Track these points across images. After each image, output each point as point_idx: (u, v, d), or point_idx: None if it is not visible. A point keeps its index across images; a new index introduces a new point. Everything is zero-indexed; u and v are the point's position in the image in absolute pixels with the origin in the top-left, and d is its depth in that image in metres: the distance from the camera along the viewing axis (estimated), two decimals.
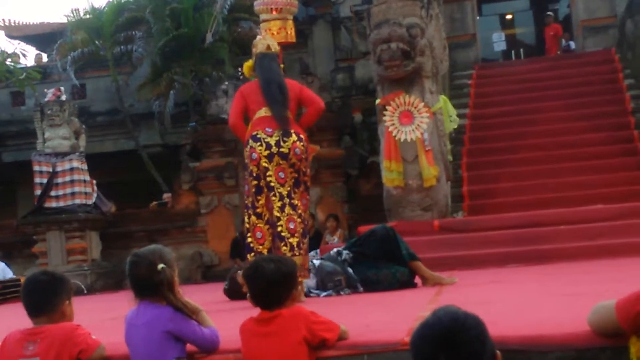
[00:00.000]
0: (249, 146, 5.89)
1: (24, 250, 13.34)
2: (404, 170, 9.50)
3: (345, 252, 6.30)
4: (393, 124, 9.49)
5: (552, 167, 11.09)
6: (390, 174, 9.46)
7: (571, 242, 8.60)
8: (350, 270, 6.19)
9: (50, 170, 12.63)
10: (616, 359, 2.88)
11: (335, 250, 6.45)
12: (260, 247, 5.83)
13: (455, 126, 10.66)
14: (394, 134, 9.46)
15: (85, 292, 11.70)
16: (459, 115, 10.83)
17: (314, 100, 6.15)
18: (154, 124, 17.90)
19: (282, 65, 6.42)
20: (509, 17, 23.96)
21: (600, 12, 15.66)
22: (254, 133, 5.87)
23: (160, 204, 15.11)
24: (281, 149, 5.80)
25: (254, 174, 5.87)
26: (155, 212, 14.29)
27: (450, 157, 10.65)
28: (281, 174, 5.82)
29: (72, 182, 12.71)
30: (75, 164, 12.73)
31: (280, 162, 5.80)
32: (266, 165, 5.80)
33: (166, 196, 15.38)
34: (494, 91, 13.93)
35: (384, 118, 9.61)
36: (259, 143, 5.81)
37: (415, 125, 9.41)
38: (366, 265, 6.22)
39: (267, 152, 5.79)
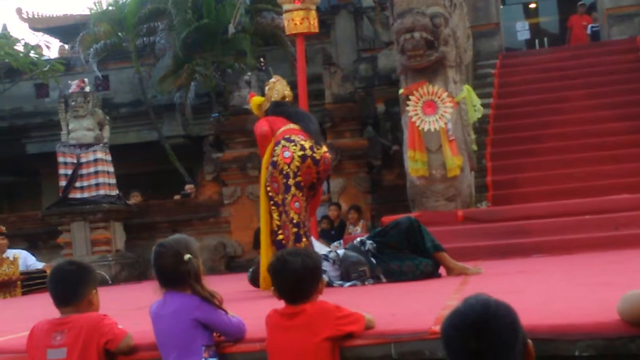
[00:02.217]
0: (280, 145, 6.02)
1: (49, 241, 13.45)
2: (428, 160, 9.46)
3: (369, 242, 6.27)
4: (416, 114, 9.46)
5: (577, 156, 11.01)
6: (414, 164, 9.43)
7: (596, 231, 8.54)
8: (373, 260, 6.16)
9: (75, 161, 12.71)
10: None
11: (358, 239, 6.40)
12: (288, 244, 5.98)
13: (480, 116, 10.60)
14: (417, 124, 9.42)
15: (110, 282, 11.78)
16: (483, 105, 10.77)
17: None
18: (176, 115, 17.96)
19: None
20: (532, 5, 23.76)
21: (625, 0, 15.48)
22: (287, 136, 6.05)
23: (183, 196, 15.17)
24: (314, 154, 6.01)
25: (284, 172, 5.95)
26: (178, 203, 14.34)
27: (474, 147, 10.59)
28: (307, 177, 6.04)
29: (96, 173, 12.79)
30: (100, 155, 12.80)
31: (311, 165, 6.00)
32: (298, 164, 5.94)
33: (188, 187, 15.43)
34: (518, 80, 13.82)
35: (408, 108, 9.58)
36: (293, 143, 5.97)
37: (438, 115, 9.37)
38: (389, 256, 6.18)
39: (301, 152, 5.96)
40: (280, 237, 5.98)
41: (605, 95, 12.47)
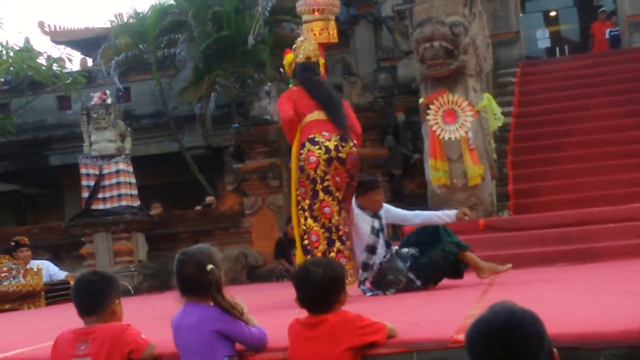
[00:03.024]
0: (305, 149, 5.86)
1: (72, 251, 13.54)
2: (449, 169, 9.45)
3: (411, 250, 6.26)
4: (437, 123, 9.45)
5: (599, 164, 10.94)
6: (436, 173, 9.42)
7: (620, 240, 8.48)
8: (411, 274, 6.14)
9: (97, 172, 12.80)
10: None
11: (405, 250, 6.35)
12: (315, 249, 5.82)
13: (500, 124, 10.57)
14: (437, 133, 9.41)
15: (132, 293, 11.83)
16: (503, 114, 10.74)
17: (354, 124, 6.15)
18: (197, 126, 18.03)
19: (322, 72, 6.44)
20: (553, 13, 23.70)
21: None
22: (311, 136, 5.85)
23: (204, 206, 15.22)
24: (340, 154, 5.83)
25: (311, 177, 5.86)
26: (200, 214, 14.39)
27: (495, 156, 10.56)
28: (337, 179, 5.85)
29: (118, 184, 12.87)
30: (122, 166, 12.88)
31: (338, 166, 5.83)
32: (325, 169, 5.81)
33: (209, 199, 15.49)
34: (538, 89, 13.77)
35: (428, 117, 9.57)
36: (317, 146, 5.81)
37: (459, 124, 9.36)
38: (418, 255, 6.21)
39: (327, 156, 5.80)
40: (306, 242, 5.90)
41: (627, 102, 12.39)
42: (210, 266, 3.34)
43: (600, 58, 15.41)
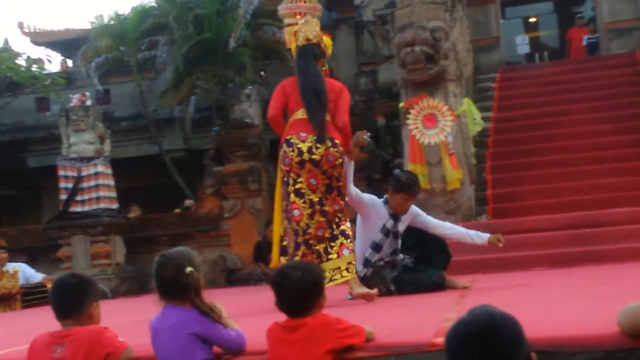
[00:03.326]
0: (282, 150, 5.78)
1: (49, 254, 13.44)
2: (428, 173, 9.48)
3: (407, 257, 6.28)
4: (417, 127, 9.48)
5: (578, 169, 11.03)
6: None
7: (597, 245, 8.56)
8: (393, 287, 6.17)
9: (76, 174, 12.74)
10: None
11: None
12: (289, 251, 5.80)
13: (480, 129, 10.63)
14: (417, 137, 9.45)
15: (110, 296, 11.77)
16: (483, 118, 10.80)
17: (338, 115, 5.88)
18: (176, 129, 17.97)
19: (326, 56, 6.19)
20: (532, 20, 23.87)
21: (624, 14, 15.54)
22: (288, 137, 5.76)
23: (183, 209, 15.18)
24: (313, 156, 5.67)
25: (285, 179, 5.80)
26: (179, 216, 14.35)
27: (474, 160, 10.61)
28: (312, 181, 5.71)
29: (97, 186, 12.81)
30: (100, 168, 12.83)
31: (312, 168, 5.68)
32: (297, 171, 5.70)
33: (188, 202, 15.45)
34: (518, 94, 13.87)
35: (408, 121, 9.61)
36: (291, 148, 5.70)
37: (439, 128, 9.40)
38: (406, 268, 6.23)
39: (299, 158, 5.68)
40: (285, 242, 5.88)
41: (606, 108, 12.50)
42: (189, 269, 3.33)
43: (579, 64, 15.55)
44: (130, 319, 6.18)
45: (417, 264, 6.26)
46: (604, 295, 4.63)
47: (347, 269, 5.64)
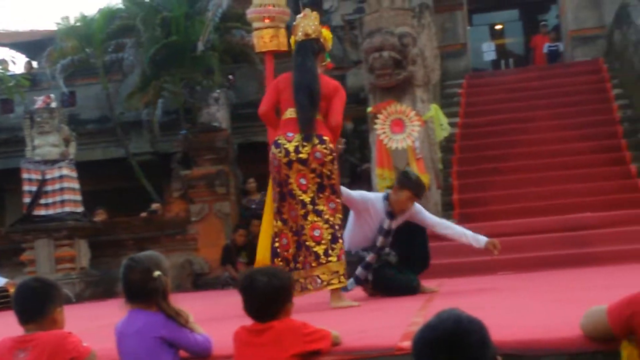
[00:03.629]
0: (271, 152, 5.71)
1: (13, 258, 13.26)
2: (396, 178, 9.52)
3: (392, 253, 6.26)
4: (384, 132, 9.52)
5: (542, 175, 11.15)
6: (383, 182, 9.48)
7: (561, 249, 8.66)
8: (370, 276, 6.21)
9: (40, 177, 12.59)
10: None
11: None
12: (286, 253, 5.65)
13: (447, 134, 10.71)
14: (385, 142, 9.48)
15: (74, 300, 11.65)
16: (449, 124, 10.88)
17: (332, 114, 5.73)
18: (143, 132, 17.86)
19: (326, 50, 6.11)
20: (498, 27, 24.12)
21: (589, 22, 15.77)
22: (277, 138, 5.69)
23: (150, 213, 15.09)
24: (300, 155, 5.57)
25: (277, 181, 5.71)
26: (145, 220, 14.25)
27: (440, 166, 10.68)
28: (302, 180, 5.59)
29: (61, 190, 12.67)
30: (65, 171, 12.69)
31: (301, 168, 5.58)
32: (286, 172, 5.60)
33: (155, 205, 15.36)
34: (484, 100, 14.00)
35: (376, 126, 9.64)
36: (279, 149, 5.62)
37: (406, 133, 9.44)
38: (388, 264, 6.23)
39: (286, 159, 5.59)
40: (277, 244, 5.71)
41: (570, 115, 12.66)
42: (157, 273, 3.32)
43: (544, 71, 15.74)
44: (94, 323, 6.13)
45: (399, 264, 6.24)
46: (569, 299, 4.68)
47: (343, 275, 5.52)
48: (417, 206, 6.32)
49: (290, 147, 5.60)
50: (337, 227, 5.59)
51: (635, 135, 12.13)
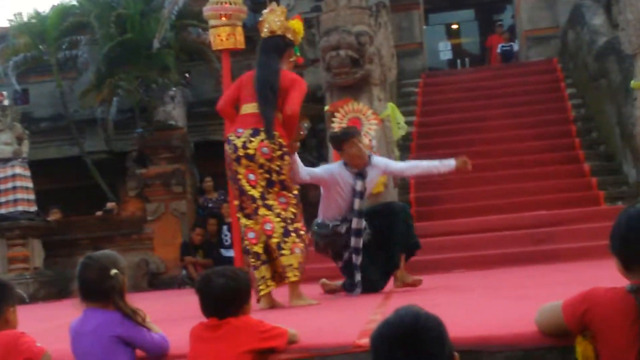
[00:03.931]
0: (225, 149, 5.70)
1: None
2: None
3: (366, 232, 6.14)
4: None
5: (498, 174, 11.27)
6: None
7: (515, 247, 8.77)
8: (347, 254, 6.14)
9: None
10: (562, 359, 2.93)
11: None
12: (255, 247, 5.60)
13: (404, 133, 10.76)
14: None
15: (27, 300, 11.48)
16: (406, 123, 10.94)
17: (288, 103, 5.66)
18: (98, 130, 17.66)
19: (294, 45, 6.02)
20: (454, 27, 24.31)
21: (543, 22, 15.97)
22: (229, 135, 5.69)
23: (105, 212, 14.93)
24: (247, 151, 5.53)
25: (231, 177, 5.72)
26: (100, 219, 14.11)
27: None
28: (251, 176, 5.56)
29: (14, 188, 12.49)
30: (18, 170, 12.51)
31: (249, 164, 5.54)
32: (236, 168, 5.59)
33: (110, 204, 15.20)
34: (440, 99, 14.10)
35: (333, 125, 9.64)
36: (229, 146, 5.61)
37: (363, 132, 9.44)
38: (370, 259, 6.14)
39: (235, 155, 5.57)
40: (246, 242, 5.69)
41: (525, 114, 12.82)
42: (114, 271, 3.29)
43: (499, 71, 15.91)
44: (49, 323, 6.04)
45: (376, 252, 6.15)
46: (524, 296, 4.73)
47: (297, 268, 5.50)
48: (384, 160, 6.36)
49: (239, 143, 5.57)
50: (289, 220, 5.57)
51: (588, 134, 12.33)
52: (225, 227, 11.91)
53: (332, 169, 6.28)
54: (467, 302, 4.83)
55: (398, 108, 10.87)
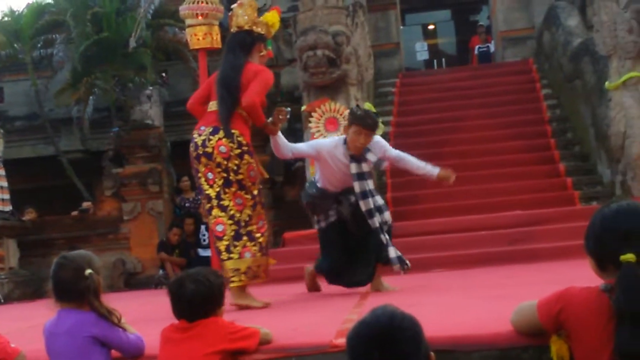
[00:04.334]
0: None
1: None
2: None
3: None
4: (319, 131, 9.55)
5: (474, 174, 11.30)
6: None
7: (492, 247, 8.81)
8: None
9: None
10: (538, 358, 2.95)
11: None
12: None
13: (381, 133, 10.75)
14: None
15: (2, 301, 11.38)
16: (383, 123, 10.95)
17: (246, 94, 5.48)
18: (74, 129, 17.55)
19: (264, 39, 5.86)
20: (431, 27, 24.41)
21: (518, 23, 16.08)
22: (193, 132, 5.63)
23: (81, 212, 14.83)
24: (206, 149, 5.45)
25: (196, 175, 5.67)
26: (76, 219, 14.01)
27: None
28: (210, 175, 5.47)
29: None
30: None
31: (208, 162, 5.45)
32: (196, 166, 5.54)
33: (86, 204, 15.10)
34: (417, 99, 14.14)
35: (310, 125, 9.67)
36: (192, 144, 5.56)
37: (340, 131, 9.47)
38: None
39: (195, 153, 5.51)
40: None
41: (501, 114, 12.88)
42: (88, 271, 3.28)
43: (475, 71, 15.99)
44: (24, 324, 5.99)
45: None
46: (500, 296, 4.76)
47: (245, 273, 5.38)
48: (385, 145, 6.18)
49: (199, 141, 5.51)
50: (242, 223, 5.44)
51: (563, 134, 12.42)
52: (203, 227, 11.87)
53: (321, 145, 6.07)
54: (444, 301, 4.85)
55: (375, 108, 10.88)
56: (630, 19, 9.13)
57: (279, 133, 5.77)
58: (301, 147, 6.14)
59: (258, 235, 5.50)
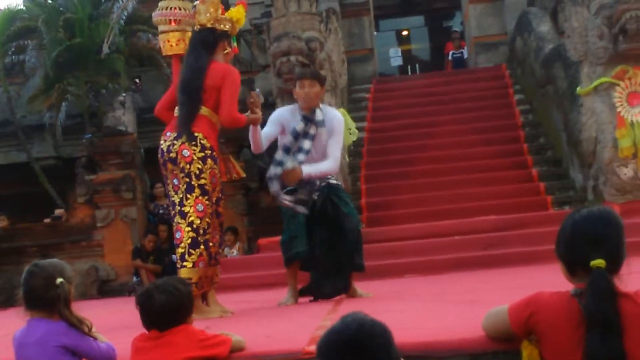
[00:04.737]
0: None
1: None
2: None
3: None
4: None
5: (448, 179, 11.36)
6: None
7: (465, 252, 8.85)
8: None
9: None
10: None
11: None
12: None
13: (355, 139, 10.76)
14: None
15: None
16: (357, 128, 10.96)
17: (222, 109, 5.40)
18: (46, 136, 17.42)
19: (228, 36, 5.74)
20: (405, 33, 24.52)
21: (491, 29, 16.19)
22: (160, 139, 5.54)
23: (53, 219, 14.70)
24: (170, 155, 5.34)
25: (164, 181, 5.63)
26: (48, 226, 13.88)
27: (348, 170, 10.75)
28: (175, 181, 5.35)
29: None
30: None
31: (173, 168, 5.35)
32: (164, 173, 5.47)
33: (59, 211, 14.97)
34: (391, 105, 14.18)
35: None
36: (159, 151, 5.48)
37: None
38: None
39: (162, 159, 5.42)
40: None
41: (474, 120, 12.95)
42: (59, 280, 3.24)
43: (449, 77, 16.06)
44: None
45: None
46: (472, 301, 4.78)
47: (196, 283, 5.21)
48: (339, 127, 5.98)
49: (165, 147, 5.42)
50: (201, 231, 5.31)
51: (536, 139, 12.51)
52: None
53: (278, 114, 6.06)
54: (417, 307, 4.87)
55: (349, 114, 10.89)
56: (601, 25, 9.22)
57: (258, 127, 5.72)
58: (268, 130, 6.02)
59: (211, 244, 5.41)
